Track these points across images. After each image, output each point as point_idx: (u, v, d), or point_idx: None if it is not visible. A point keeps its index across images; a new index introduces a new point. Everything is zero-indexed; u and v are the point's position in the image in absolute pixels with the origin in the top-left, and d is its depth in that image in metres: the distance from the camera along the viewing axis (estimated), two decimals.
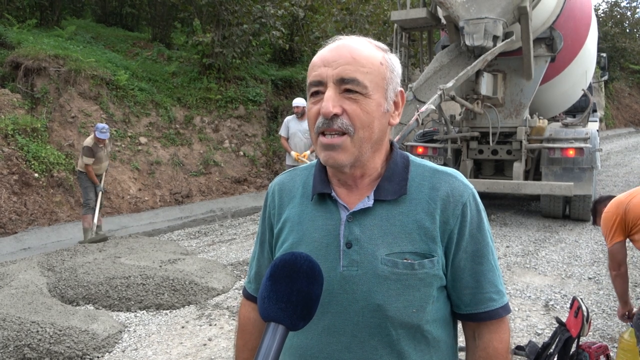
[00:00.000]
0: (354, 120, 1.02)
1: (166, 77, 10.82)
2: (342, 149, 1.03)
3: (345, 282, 1.06)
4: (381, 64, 1.06)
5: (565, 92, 8.80)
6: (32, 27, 10.71)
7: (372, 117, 1.03)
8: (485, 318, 1.11)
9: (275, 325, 0.83)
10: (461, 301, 1.11)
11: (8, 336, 3.65)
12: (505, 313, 1.12)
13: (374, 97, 1.03)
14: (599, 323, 4.12)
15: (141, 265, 5.17)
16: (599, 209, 3.08)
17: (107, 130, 6.81)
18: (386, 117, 1.08)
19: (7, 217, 7.06)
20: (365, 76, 1.02)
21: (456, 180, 1.11)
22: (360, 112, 1.02)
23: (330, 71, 1.02)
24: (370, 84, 1.03)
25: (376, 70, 1.04)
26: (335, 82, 1.02)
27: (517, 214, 8.53)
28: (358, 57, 1.03)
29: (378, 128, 1.06)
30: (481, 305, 1.10)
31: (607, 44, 23.16)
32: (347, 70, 1.01)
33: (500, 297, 1.11)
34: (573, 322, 2.50)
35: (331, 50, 1.05)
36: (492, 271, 1.11)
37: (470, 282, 1.09)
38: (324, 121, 1.02)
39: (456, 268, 1.09)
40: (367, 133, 1.04)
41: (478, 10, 6.72)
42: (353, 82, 1.01)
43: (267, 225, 1.23)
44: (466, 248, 1.08)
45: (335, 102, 1.01)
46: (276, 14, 10.90)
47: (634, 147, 18.93)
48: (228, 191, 10.18)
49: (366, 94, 1.02)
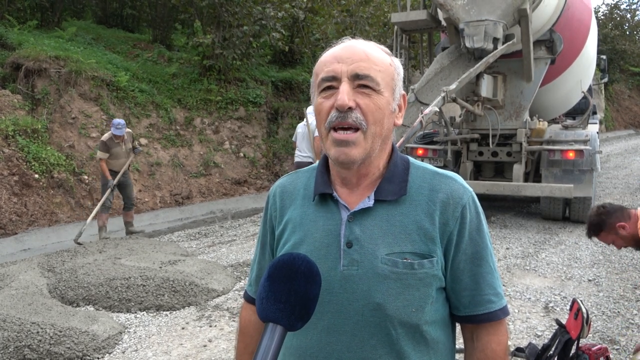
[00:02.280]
0: (366, 115, 1.04)
1: (166, 79, 10.83)
2: (355, 145, 1.04)
3: (345, 281, 1.06)
4: (390, 65, 1.10)
5: (565, 94, 8.81)
6: (33, 29, 10.72)
7: (383, 113, 1.06)
8: (483, 320, 1.11)
9: (273, 326, 0.84)
10: (460, 303, 1.12)
11: (8, 337, 3.65)
12: (504, 315, 1.13)
13: (385, 95, 1.07)
14: (599, 325, 4.13)
15: (141, 266, 5.17)
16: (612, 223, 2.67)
17: (122, 126, 6.87)
18: (392, 117, 1.11)
19: (8, 218, 7.06)
20: (378, 74, 1.05)
21: (456, 182, 1.12)
22: (373, 106, 1.05)
23: (344, 67, 1.05)
24: (382, 81, 1.06)
25: (387, 70, 1.08)
26: (350, 78, 1.04)
27: (517, 215, 8.53)
28: (371, 56, 1.06)
29: (387, 126, 1.09)
30: (480, 307, 1.11)
31: (607, 47, 23.17)
32: (362, 66, 1.04)
33: (499, 299, 1.12)
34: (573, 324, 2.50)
35: (343, 48, 1.08)
36: (491, 273, 1.12)
37: (469, 284, 1.10)
38: (337, 115, 1.04)
39: (455, 270, 1.10)
40: (379, 129, 1.06)
41: (478, 13, 6.73)
42: (367, 78, 1.04)
43: (268, 228, 1.24)
44: (465, 250, 1.09)
45: (350, 95, 1.03)
46: (276, 16, 10.92)
47: (634, 149, 18.94)
48: (228, 192, 10.19)
49: (379, 90, 1.05)
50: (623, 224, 2.63)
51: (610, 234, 2.69)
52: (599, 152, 7.93)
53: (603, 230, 2.71)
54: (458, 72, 6.81)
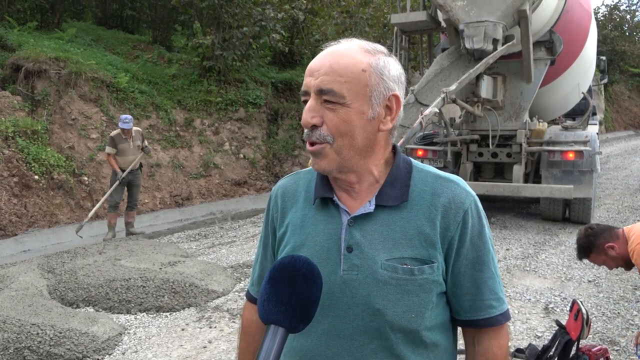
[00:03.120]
0: (331, 129, 1.04)
1: (166, 80, 10.83)
2: (322, 156, 1.06)
3: (345, 286, 1.06)
4: (363, 70, 1.04)
5: (565, 95, 8.82)
6: (33, 30, 10.73)
7: (352, 125, 1.04)
8: (484, 325, 1.11)
9: (275, 328, 0.84)
10: (461, 307, 1.12)
11: (8, 338, 3.65)
12: (505, 320, 1.13)
13: (354, 106, 1.03)
14: (599, 326, 4.13)
15: (141, 267, 5.17)
16: (600, 244, 2.64)
17: (129, 120, 6.92)
18: (373, 124, 1.06)
19: (7, 219, 7.06)
20: (343, 85, 1.02)
21: (458, 187, 1.11)
22: (338, 121, 1.03)
23: (313, 81, 1.04)
24: (349, 93, 1.03)
25: (356, 79, 1.03)
26: (316, 93, 1.04)
27: (517, 216, 8.53)
28: (336, 67, 1.03)
29: (361, 135, 1.05)
30: (480, 312, 1.11)
31: (606, 47, 23.18)
32: (325, 81, 1.03)
33: (500, 304, 1.12)
34: (573, 324, 2.50)
35: (317, 59, 1.07)
36: (492, 278, 1.11)
37: (470, 289, 1.10)
38: (307, 131, 1.06)
39: (456, 274, 1.09)
40: (347, 141, 1.05)
41: (478, 14, 6.73)
42: (330, 93, 1.02)
43: (270, 229, 1.24)
44: (467, 255, 1.09)
45: (315, 112, 1.04)
46: (276, 17, 10.93)
47: (634, 150, 18.94)
48: (228, 194, 10.19)
49: (344, 103, 1.03)
50: (612, 244, 2.60)
51: (600, 255, 2.67)
52: (598, 153, 7.93)
53: (592, 252, 2.68)
54: (458, 73, 6.82)
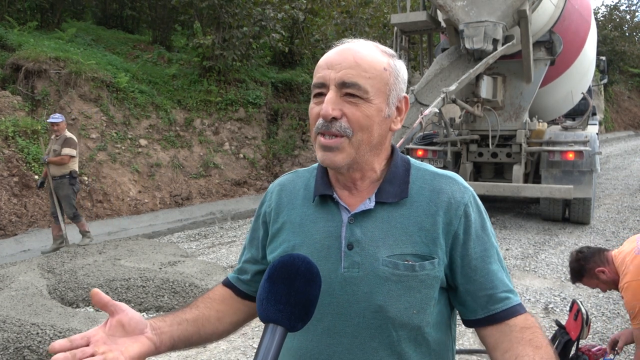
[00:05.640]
0: (352, 123, 1.03)
1: (166, 80, 10.83)
2: (339, 150, 1.04)
3: (346, 283, 1.06)
4: (385, 69, 1.06)
5: (565, 95, 8.82)
6: (33, 30, 10.73)
7: (372, 121, 1.04)
8: (504, 317, 1.05)
9: (273, 327, 0.84)
10: (478, 305, 1.07)
11: (8, 338, 3.65)
12: (523, 310, 1.08)
13: (375, 102, 1.04)
14: (599, 326, 4.13)
15: (141, 267, 5.17)
16: (591, 269, 2.62)
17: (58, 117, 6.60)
18: (387, 123, 1.08)
19: (7, 219, 7.06)
20: (367, 81, 1.03)
21: (456, 183, 1.12)
22: (360, 115, 1.03)
23: (333, 74, 1.03)
24: (372, 89, 1.03)
25: (379, 76, 1.05)
26: (337, 85, 1.03)
27: (517, 216, 8.53)
28: (361, 62, 1.03)
29: (377, 132, 1.06)
30: (498, 304, 1.06)
31: (606, 48, 23.18)
32: (349, 74, 1.02)
33: (514, 295, 1.09)
34: (572, 324, 2.50)
35: (336, 53, 1.06)
36: (501, 271, 1.10)
37: (484, 283, 1.07)
38: (323, 123, 1.03)
39: (467, 270, 1.07)
40: (366, 136, 1.05)
41: (478, 14, 6.74)
42: (354, 87, 1.02)
43: (260, 224, 1.22)
44: (474, 248, 1.08)
45: (335, 104, 1.02)
46: (276, 17, 10.93)
47: (633, 150, 18.94)
48: (228, 193, 10.19)
49: (367, 98, 1.03)
50: (602, 269, 2.58)
51: (592, 279, 2.65)
52: (598, 153, 7.94)
53: (584, 276, 2.67)
54: (458, 73, 6.82)
